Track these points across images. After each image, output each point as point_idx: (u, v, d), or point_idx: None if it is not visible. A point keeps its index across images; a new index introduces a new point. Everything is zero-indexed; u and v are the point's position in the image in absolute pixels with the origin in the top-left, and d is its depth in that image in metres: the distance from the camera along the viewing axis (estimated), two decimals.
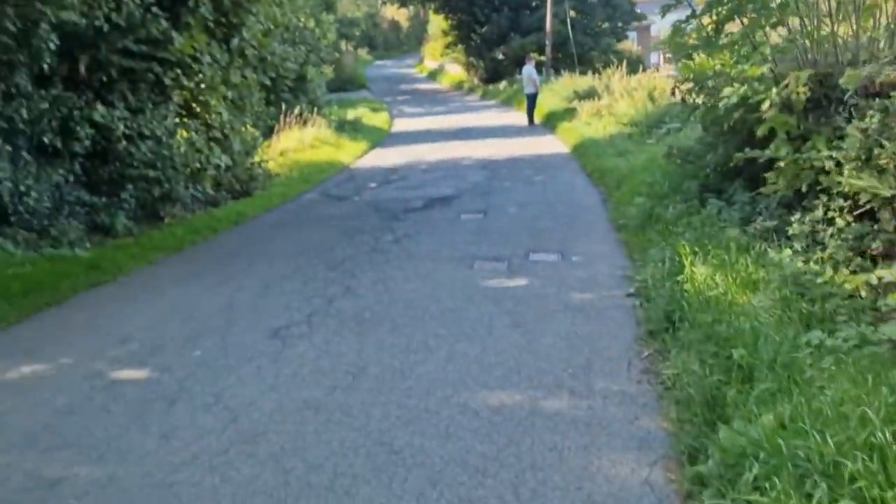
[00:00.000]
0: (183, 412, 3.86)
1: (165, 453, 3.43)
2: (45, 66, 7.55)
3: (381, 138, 20.53)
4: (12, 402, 4.07)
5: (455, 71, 41.28)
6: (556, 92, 21.84)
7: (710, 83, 6.62)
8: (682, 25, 6.52)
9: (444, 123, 22.53)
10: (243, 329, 5.15)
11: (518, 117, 22.12)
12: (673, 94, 7.77)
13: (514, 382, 4.08)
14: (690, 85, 6.85)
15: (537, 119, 20.64)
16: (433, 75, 46.64)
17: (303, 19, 21.06)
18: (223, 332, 5.11)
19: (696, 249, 5.17)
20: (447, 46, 40.28)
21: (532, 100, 20.57)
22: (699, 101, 6.86)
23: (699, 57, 6.27)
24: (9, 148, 7.37)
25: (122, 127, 8.97)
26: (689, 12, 6.83)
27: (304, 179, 13.42)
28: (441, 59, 44.77)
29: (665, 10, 6.43)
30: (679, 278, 4.95)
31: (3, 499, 3.10)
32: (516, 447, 3.37)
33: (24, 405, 4.02)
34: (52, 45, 7.35)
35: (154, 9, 8.99)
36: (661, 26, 36.94)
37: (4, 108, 7.23)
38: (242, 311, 5.59)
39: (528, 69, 20.65)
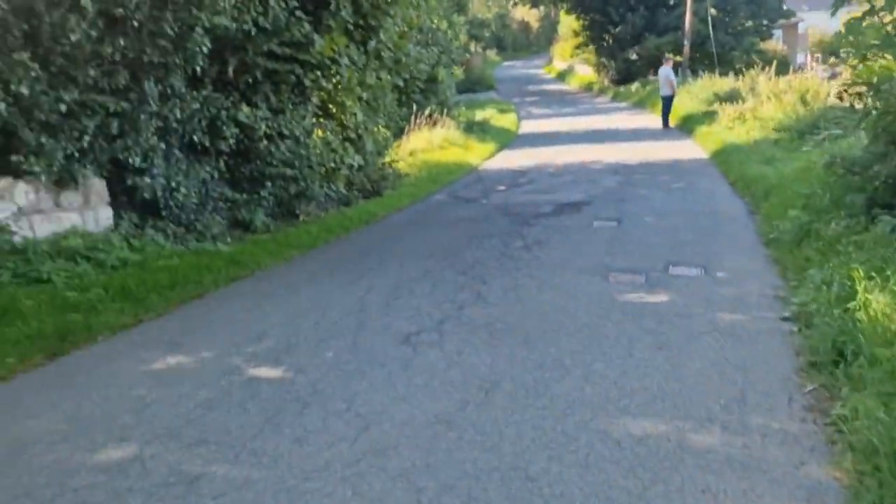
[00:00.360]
0: (315, 416, 3.84)
1: (298, 458, 3.41)
2: (198, 68, 7.93)
3: (508, 140, 20.37)
4: (158, 392, 4.22)
5: (585, 72, 40.49)
6: (693, 94, 20.83)
7: (885, 86, 5.94)
8: (857, 23, 5.87)
9: (573, 125, 22.05)
10: (374, 332, 5.12)
11: (652, 120, 21.29)
12: (840, 97, 7.06)
13: (658, 411, 3.77)
14: (863, 88, 6.17)
15: (673, 122, 19.77)
16: (562, 76, 45.98)
17: (436, 21, 21.27)
18: (355, 333, 5.10)
19: (873, 274, 4.60)
20: (577, 47, 39.62)
21: (668, 102, 19.72)
22: (873, 105, 6.16)
23: (882, 58, 5.62)
24: (163, 146, 7.81)
25: (263, 127, 9.31)
26: (862, 9, 6.16)
27: (433, 180, 13.49)
28: (570, 60, 44.10)
29: (838, 5, 5.82)
30: (850, 305, 4.42)
31: (146, 491, 3.18)
32: (664, 485, 3.08)
33: (169, 397, 4.15)
34: (204, 49, 7.71)
35: (298, 12, 9.27)
36: (808, 24, 34.44)
37: (161, 108, 7.65)
38: (373, 312, 5.58)
39: (665, 70, 19.81)
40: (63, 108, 6.63)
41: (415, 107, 17.68)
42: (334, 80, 10.91)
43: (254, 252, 7.68)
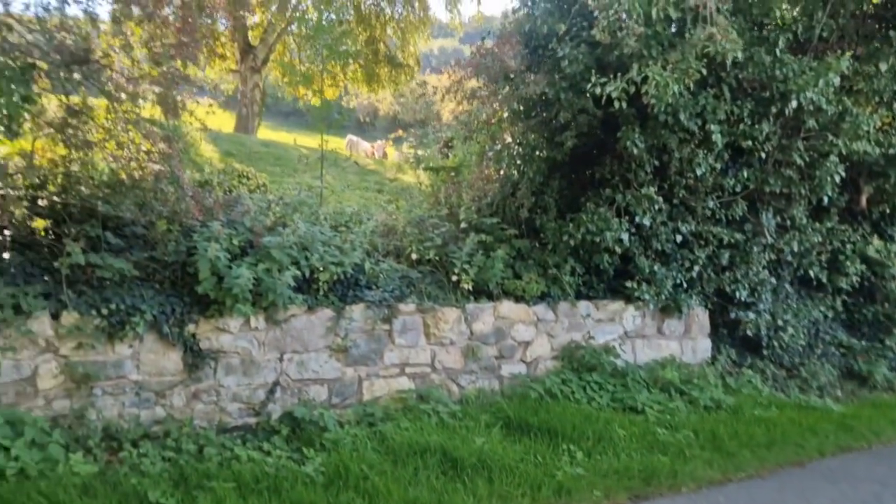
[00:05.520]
0: None
1: None
2: (824, 198, 7.10)
3: None
4: None
5: None
6: None
7: None
8: None
9: None
10: None
11: None
12: None
13: None
14: None
15: None
16: None
17: None
18: None
19: None
20: None
21: None
22: None
23: None
24: (773, 280, 7.18)
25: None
26: None
27: None
28: None
29: None
30: None
31: None
32: None
33: None
34: (836, 177, 6.84)
35: None
36: None
37: (776, 240, 7.08)
38: None
39: None
40: (678, 238, 6.69)
41: None
42: None
43: (871, 417, 6.28)
